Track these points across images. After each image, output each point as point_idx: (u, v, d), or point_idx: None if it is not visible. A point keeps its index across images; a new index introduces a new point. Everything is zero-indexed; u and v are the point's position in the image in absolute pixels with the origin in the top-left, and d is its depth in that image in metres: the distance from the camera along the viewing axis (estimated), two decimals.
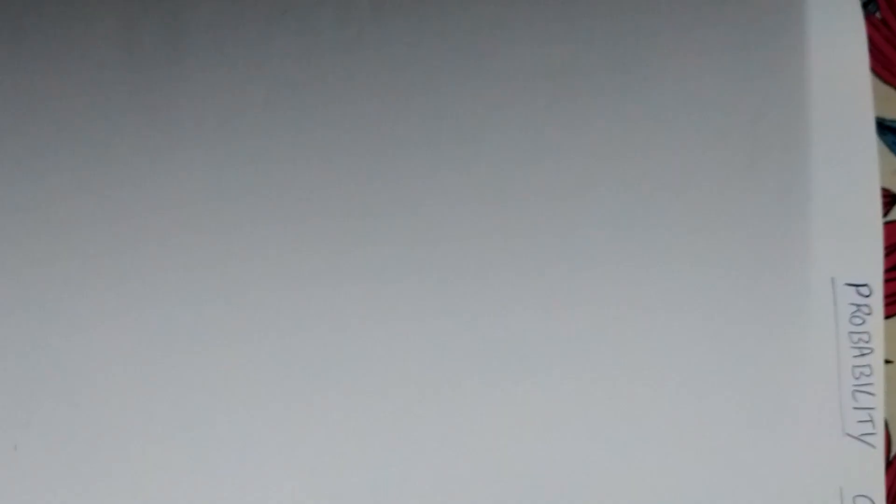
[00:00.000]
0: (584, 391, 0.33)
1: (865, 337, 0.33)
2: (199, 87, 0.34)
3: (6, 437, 0.33)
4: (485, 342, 0.33)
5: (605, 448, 0.32)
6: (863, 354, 0.33)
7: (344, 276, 0.33)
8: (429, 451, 0.33)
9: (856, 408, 0.32)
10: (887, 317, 0.33)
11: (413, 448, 0.33)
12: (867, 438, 0.32)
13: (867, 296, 0.33)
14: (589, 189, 0.34)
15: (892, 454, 0.33)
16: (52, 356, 0.33)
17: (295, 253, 0.34)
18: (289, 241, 0.34)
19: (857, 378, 0.32)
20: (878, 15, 0.35)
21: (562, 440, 0.33)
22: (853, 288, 0.33)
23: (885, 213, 0.34)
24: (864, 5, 0.35)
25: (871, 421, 0.32)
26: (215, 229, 0.34)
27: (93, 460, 0.33)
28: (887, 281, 0.33)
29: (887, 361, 0.33)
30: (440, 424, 0.33)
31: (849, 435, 0.32)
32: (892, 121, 0.34)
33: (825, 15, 0.34)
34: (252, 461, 0.33)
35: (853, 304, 0.33)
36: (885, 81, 0.35)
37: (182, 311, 0.33)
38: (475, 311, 0.33)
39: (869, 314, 0.33)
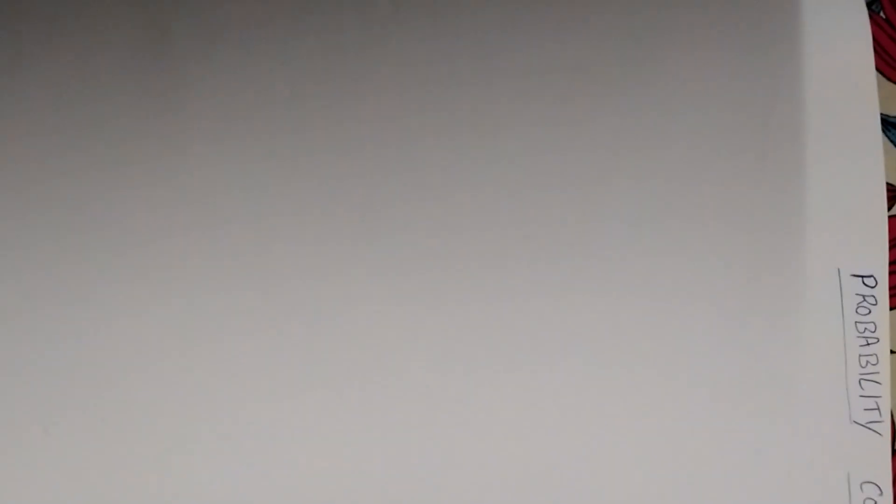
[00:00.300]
0: (593, 382, 0.34)
1: (871, 327, 0.33)
2: (228, 83, 0.35)
3: (37, 421, 0.34)
4: (486, 336, 0.34)
5: (612, 436, 0.33)
6: (869, 344, 0.33)
7: (362, 269, 0.34)
8: (437, 444, 0.33)
9: (862, 396, 0.33)
10: (892, 308, 0.34)
11: (422, 441, 0.33)
12: (874, 426, 0.33)
13: (872, 286, 0.33)
14: (599, 183, 0.35)
15: None
16: (80, 343, 0.34)
17: (315, 244, 0.35)
18: (310, 232, 0.35)
19: (863, 367, 0.33)
20: (882, 14, 0.36)
21: (571, 430, 0.33)
22: (859, 279, 0.33)
23: (889, 208, 0.34)
24: (869, 5, 0.35)
25: (877, 409, 0.33)
26: (242, 221, 0.35)
27: (121, 444, 0.33)
28: (892, 273, 0.34)
29: (892, 352, 0.34)
30: (449, 418, 0.33)
31: (856, 422, 0.33)
32: None
33: (832, 15, 0.35)
34: (273, 444, 0.33)
35: (859, 294, 0.33)
36: (890, 79, 0.36)
37: (209, 301, 0.34)
38: (483, 304, 0.34)
39: (874, 304, 0.33)
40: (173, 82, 0.36)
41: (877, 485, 0.33)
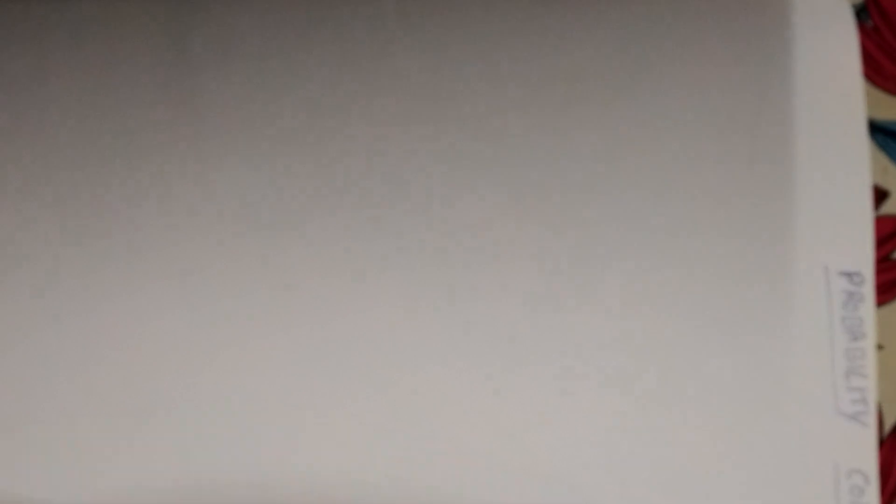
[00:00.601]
0: (582, 374, 0.35)
1: (858, 322, 0.34)
2: (244, 90, 0.37)
3: (56, 415, 0.35)
4: (475, 337, 0.35)
5: (599, 428, 0.34)
6: (855, 338, 0.34)
7: (373, 270, 0.36)
8: (444, 442, 0.34)
9: (849, 388, 0.34)
10: (879, 305, 0.35)
11: (414, 441, 0.34)
12: (860, 417, 0.34)
13: (859, 284, 0.35)
14: (591, 185, 0.36)
15: (885, 433, 0.35)
16: (94, 338, 0.35)
17: (327, 244, 0.36)
18: (322, 233, 0.36)
19: (850, 361, 0.34)
20: (869, 23, 0.37)
21: (562, 422, 0.34)
22: (846, 276, 0.35)
23: (876, 208, 0.36)
24: (857, 14, 0.37)
25: (863, 401, 0.34)
26: (254, 224, 0.36)
27: (136, 440, 0.35)
28: (878, 272, 0.35)
29: (879, 347, 0.35)
30: (442, 418, 0.35)
31: (843, 414, 0.34)
32: (883, 122, 0.37)
33: (821, 24, 0.37)
34: (280, 440, 0.35)
35: (846, 291, 0.35)
36: (876, 85, 0.37)
37: (221, 298, 0.35)
38: (476, 305, 0.35)
39: (861, 301, 0.34)
40: (191, 91, 0.37)
41: (863, 473, 0.34)
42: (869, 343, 0.34)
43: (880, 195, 0.36)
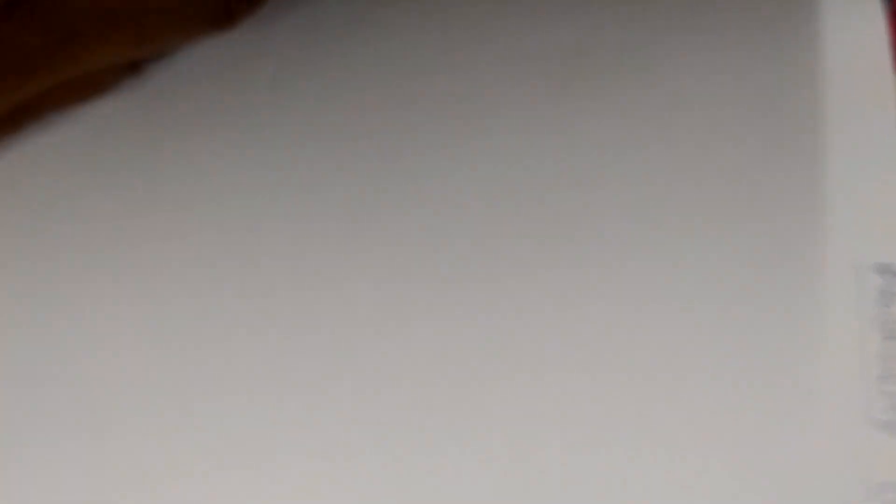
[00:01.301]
0: (600, 381, 0.33)
1: (892, 320, 0.32)
2: (205, 80, 0.36)
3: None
4: (486, 340, 0.33)
5: (620, 438, 0.32)
6: (889, 339, 0.32)
7: (350, 275, 0.34)
8: (434, 451, 0.32)
9: (882, 393, 0.32)
10: None
11: (418, 449, 0.32)
12: (894, 426, 0.32)
13: (893, 278, 0.33)
14: (602, 176, 0.34)
15: None
16: (59, 346, 0.34)
17: (301, 251, 0.34)
18: (295, 239, 0.35)
19: (883, 363, 0.32)
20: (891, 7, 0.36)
21: (577, 429, 0.32)
22: (878, 270, 0.33)
23: None
24: None
25: None
26: (223, 226, 0.35)
27: (99, 455, 0.32)
28: None
29: None
30: (446, 424, 0.33)
31: (874, 422, 0.32)
32: None
33: (849, 9, 0.36)
34: (257, 459, 0.33)
35: (878, 286, 0.33)
36: None
37: (189, 308, 0.34)
38: (479, 307, 0.34)
39: (895, 297, 0.33)
40: (154, 87, 0.36)
41: (895, 486, 0.31)
42: None
43: None
